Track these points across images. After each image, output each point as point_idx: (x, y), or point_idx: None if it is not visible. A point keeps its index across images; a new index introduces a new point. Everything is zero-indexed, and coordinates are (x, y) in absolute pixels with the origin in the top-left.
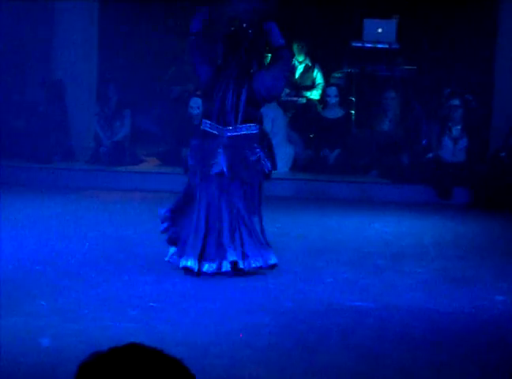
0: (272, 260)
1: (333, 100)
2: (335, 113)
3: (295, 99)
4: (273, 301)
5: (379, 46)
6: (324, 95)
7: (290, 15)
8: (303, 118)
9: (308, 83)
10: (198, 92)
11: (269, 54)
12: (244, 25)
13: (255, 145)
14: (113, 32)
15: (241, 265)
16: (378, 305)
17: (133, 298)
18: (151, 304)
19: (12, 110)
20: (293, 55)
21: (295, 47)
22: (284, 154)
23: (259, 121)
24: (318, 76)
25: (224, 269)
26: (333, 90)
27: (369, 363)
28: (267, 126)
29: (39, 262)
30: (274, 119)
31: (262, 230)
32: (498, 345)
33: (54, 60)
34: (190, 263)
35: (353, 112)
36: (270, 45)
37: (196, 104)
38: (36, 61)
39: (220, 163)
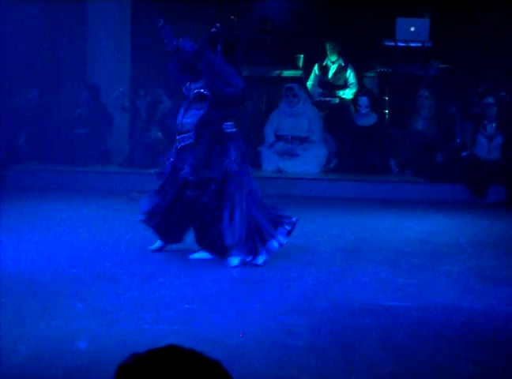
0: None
1: (364, 110)
2: (367, 121)
3: (328, 99)
4: (309, 301)
5: (412, 45)
6: (355, 102)
7: (322, 15)
8: (337, 119)
9: (341, 83)
10: None
11: None
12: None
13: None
14: (145, 38)
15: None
16: (414, 304)
17: (169, 300)
18: (186, 306)
19: (47, 113)
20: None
21: (327, 47)
22: (318, 154)
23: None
24: (350, 75)
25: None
26: (363, 100)
27: (406, 363)
28: (304, 125)
29: (76, 265)
30: (311, 118)
31: None
32: None
33: (87, 63)
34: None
35: (387, 112)
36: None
37: None
38: (70, 65)
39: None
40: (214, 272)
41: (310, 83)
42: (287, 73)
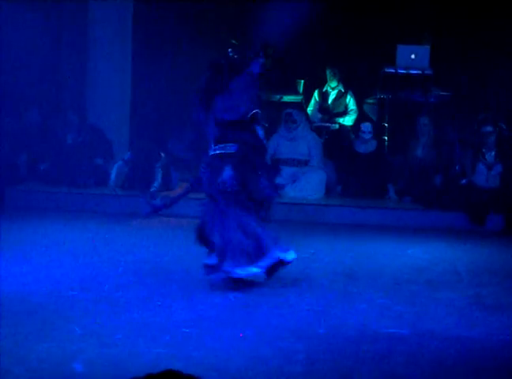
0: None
1: (367, 136)
2: (368, 147)
3: (327, 124)
4: (307, 327)
5: (412, 72)
6: (358, 129)
7: (323, 41)
8: (337, 145)
9: (341, 109)
10: None
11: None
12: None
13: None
14: (145, 59)
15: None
16: (412, 332)
17: (167, 324)
18: (184, 330)
19: (47, 132)
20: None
21: (328, 73)
22: (318, 179)
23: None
24: (350, 102)
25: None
26: (367, 126)
27: None
28: (303, 149)
29: (73, 287)
30: (310, 142)
31: None
32: None
33: (87, 81)
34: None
35: (386, 138)
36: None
37: None
38: (70, 87)
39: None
40: (212, 296)
41: (310, 109)
42: (287, 98)
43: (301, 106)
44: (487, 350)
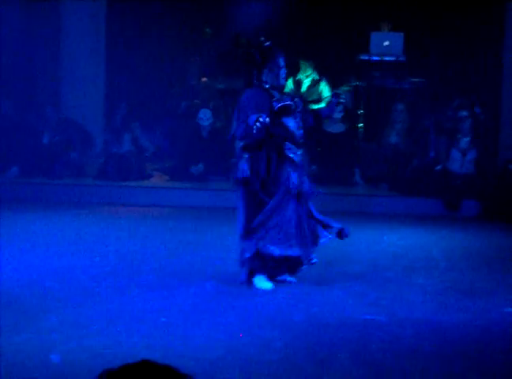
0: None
1: (338, 115)
2: (338, 128)
3: None
4: (284, 314)
5: (386, 59)
6: None
7: (297, 28)
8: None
9: (315, 97)
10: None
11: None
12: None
13: None
14: (120, 47)
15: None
16: (388, 318)
17: (144, 313)
18: (161, 319)
19: (23, 127)
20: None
21: (301, 61)
22: None
23: None
24: (325, 89)
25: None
26: (339, 107)
27: (381, 377)
28: None
29: (49, 278)
30: None
31: None
32: (509, 357)
33: (61, 75)
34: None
35: (361, 125)
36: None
37: (205, 116)
38: (44, 81)
39: None
40: (188, 285)
41: None
42: None
43: None
44: (462, 336)
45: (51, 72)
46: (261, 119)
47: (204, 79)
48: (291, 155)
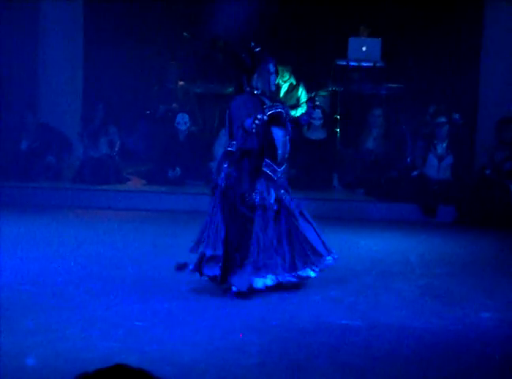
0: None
1: (318, 122)
2: (319, 134)
3: None
4: (261, 319)
5: (364, 64)
6: None
7: (274, 33)
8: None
9: (293, 102)
10: None
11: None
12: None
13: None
14: (98, 50)
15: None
16: (365, 323)
17: (120, 318)
18: (137, 323)
19: (1, 133)
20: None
21: (279, 66)
22: None
23: None
24: (302, 94)
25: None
26: (317, 112)
27: None
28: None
29: (25, 281)
30: None
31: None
32: (485, 362)
33: (39, 79)
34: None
35: (338, 130)
36: None
37: (183, 120)
38: (21, 83)
39: None
40: (164, 290)
41: None
42: None
43: None
44: (439, 341)
45: (29, 76)
46: (259, 116)
47: (181, 83)
48: (268, 172)
